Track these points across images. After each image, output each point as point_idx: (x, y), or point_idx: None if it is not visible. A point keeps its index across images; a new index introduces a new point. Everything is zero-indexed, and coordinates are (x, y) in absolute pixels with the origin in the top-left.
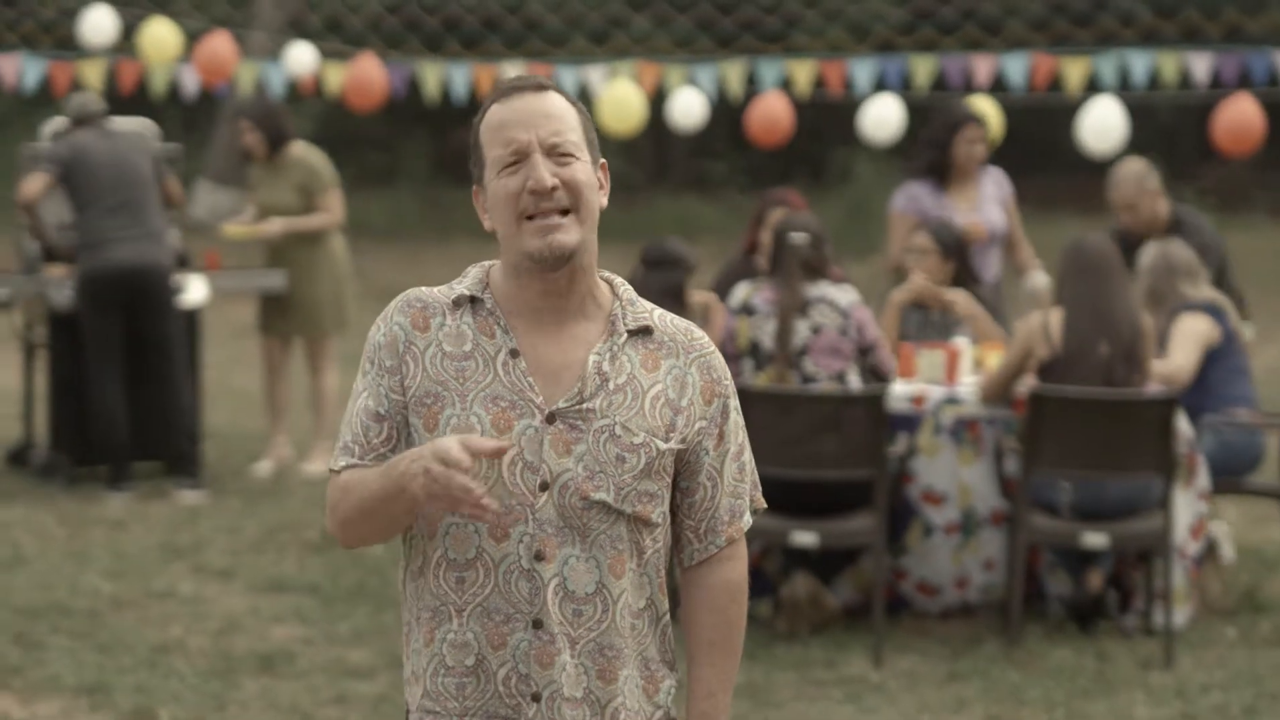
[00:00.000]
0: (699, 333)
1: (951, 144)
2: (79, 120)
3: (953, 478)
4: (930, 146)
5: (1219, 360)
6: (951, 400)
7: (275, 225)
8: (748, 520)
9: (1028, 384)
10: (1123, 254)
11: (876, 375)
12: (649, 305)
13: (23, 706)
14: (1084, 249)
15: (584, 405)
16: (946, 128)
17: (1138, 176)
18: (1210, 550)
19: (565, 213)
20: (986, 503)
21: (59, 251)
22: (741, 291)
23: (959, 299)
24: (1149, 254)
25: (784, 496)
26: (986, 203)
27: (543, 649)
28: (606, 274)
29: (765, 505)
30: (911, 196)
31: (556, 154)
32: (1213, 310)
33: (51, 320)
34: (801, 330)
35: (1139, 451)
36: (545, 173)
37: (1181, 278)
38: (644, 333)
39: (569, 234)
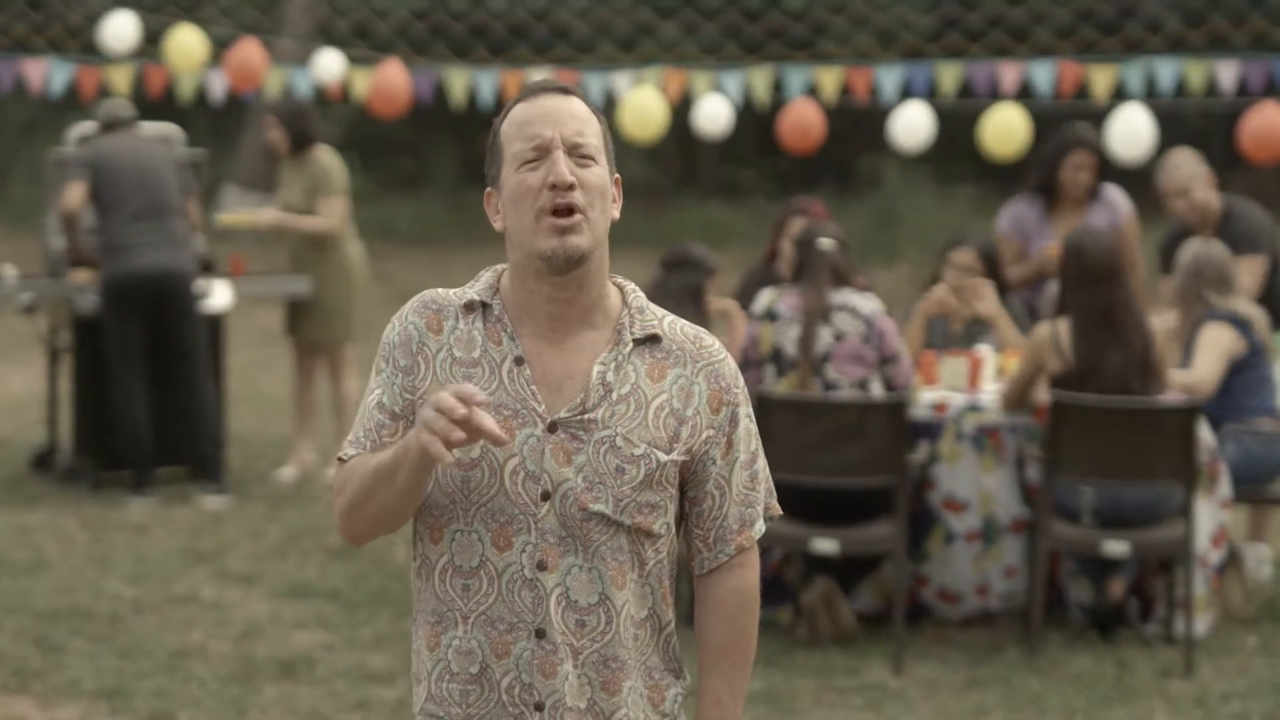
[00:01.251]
0: (709, 339)
1: (1058, 167)
2: (108, 125)
3: (974, 485)
4: (1038, 167)
5: (1243, 371)
6: (973, 408)
7: (268, 216)
8: (760, 529)
9: (1048, 392)
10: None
11: (890, 388)
12: (659, 312)
13: (42, 710)
14: (1085, 251)
15: (586, 416)
16: (1055, 149)
17: (1188, 163)
18: (1232, 559)
19: (580, 213)
20: (1008, 510)
21: (84, 256)
22: (766, 297)
23: (986, 293)
24: (1186, 253)
25: (805, 504)
26: (1096, 222)
27: (545, 659)
28: (619, 279)
29: (781, 512)
30: (1015, 216)
31: (578, 154)
32: (1237, 322)
33: (76, 325)
34: (824, 337)
35: (1160, 460)
36: (565, 168)
37: (1208, 285)
38: (651, 341)
39: (583, 237)
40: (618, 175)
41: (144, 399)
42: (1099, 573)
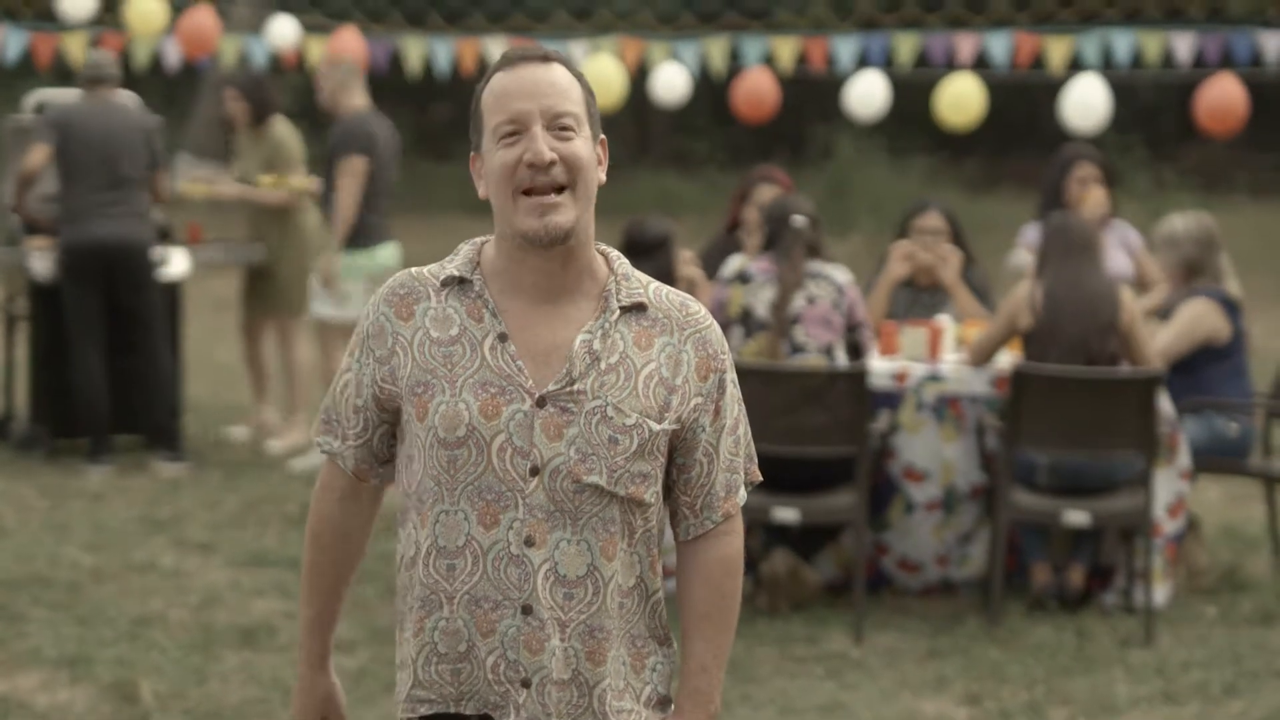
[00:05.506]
0: (695, 306)
1: (1064, 183)
2: (91, 80)
3: (935, 455)
4: (1046, 188)
5: (1222, 359)
6: (934, 377)
7: (231, 189)
8: (743, 495)
9: (1009, 359)
10: None
11: (857, 352)
12: (644, 279)
13: (3, 678)
14: (1069, 230)
15: (574, 387)
16: (1057, 167)
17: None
18: (1191, 525)
19: (561, 190)
20: (968, 480)
21: (40, 224)
22: (736, 261)
23: (952, 260)
24: (1185, 221)
25: (766, 472)
26: (1111, 249)
27: (532, 634)
28: (603, 247)
29: (760, 478)
30: (1030, 243)
31: (557, 127)
32: (1228, 304)
33: (32, 292)
34: (796, 300)
35: (1120, 429)
36: (544, 146)
37: (1221, 251)
38: (637, 309)
39: (565, 214)
40: (603, 137)
41: (101, 366)
42: (1043, 548)
